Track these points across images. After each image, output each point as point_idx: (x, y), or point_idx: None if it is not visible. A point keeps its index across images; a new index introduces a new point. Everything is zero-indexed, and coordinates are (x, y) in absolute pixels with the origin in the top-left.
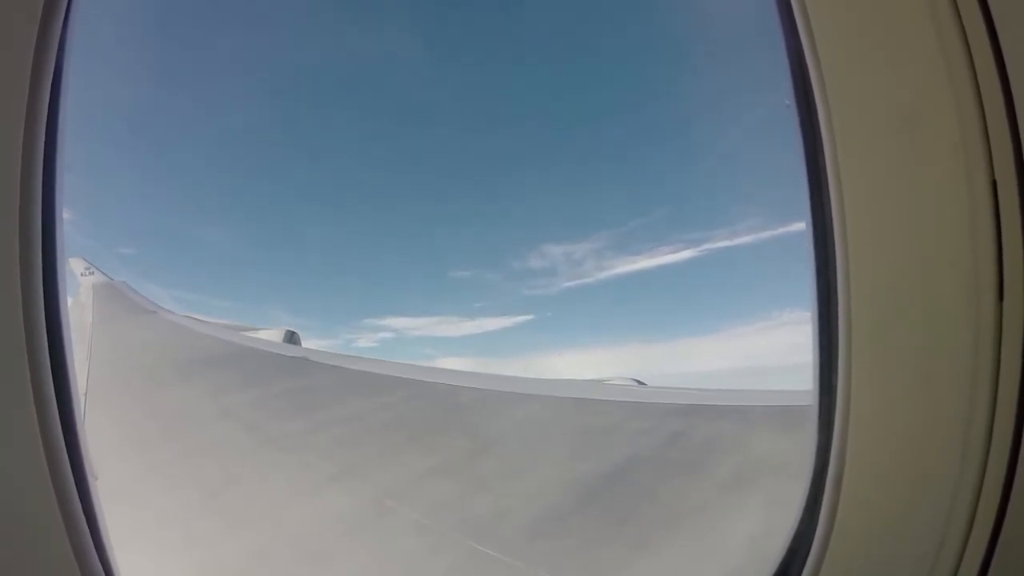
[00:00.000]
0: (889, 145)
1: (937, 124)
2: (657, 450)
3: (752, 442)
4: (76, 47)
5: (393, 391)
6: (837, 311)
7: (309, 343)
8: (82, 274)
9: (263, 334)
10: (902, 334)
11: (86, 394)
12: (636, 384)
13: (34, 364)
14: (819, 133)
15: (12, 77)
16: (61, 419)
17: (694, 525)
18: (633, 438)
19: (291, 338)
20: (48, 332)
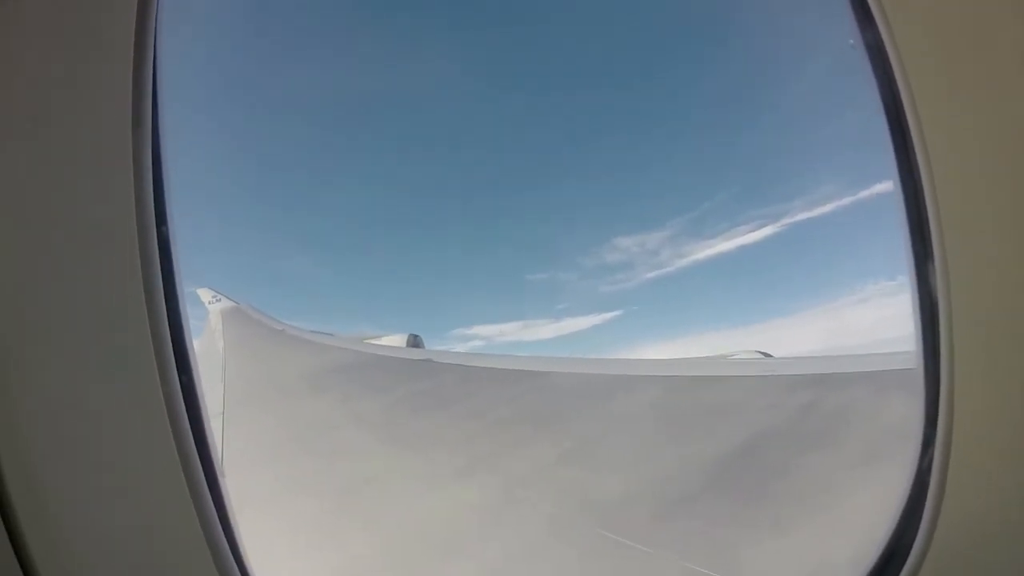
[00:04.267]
0: (968, 78)
1: (1016, 50)
2: (814, 417)
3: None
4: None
5: (524, 382)
6: (933, 269)
7: None
8: (209, 302)
9: (387, 340)
10: (1006, 288)
11: (223, 414)
12: (763, 356)
13: (164, 377)
14: (892, 74)
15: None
16: (191, 426)
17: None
18: (783, 407)
19: (415, 342)
20: (174, 347)
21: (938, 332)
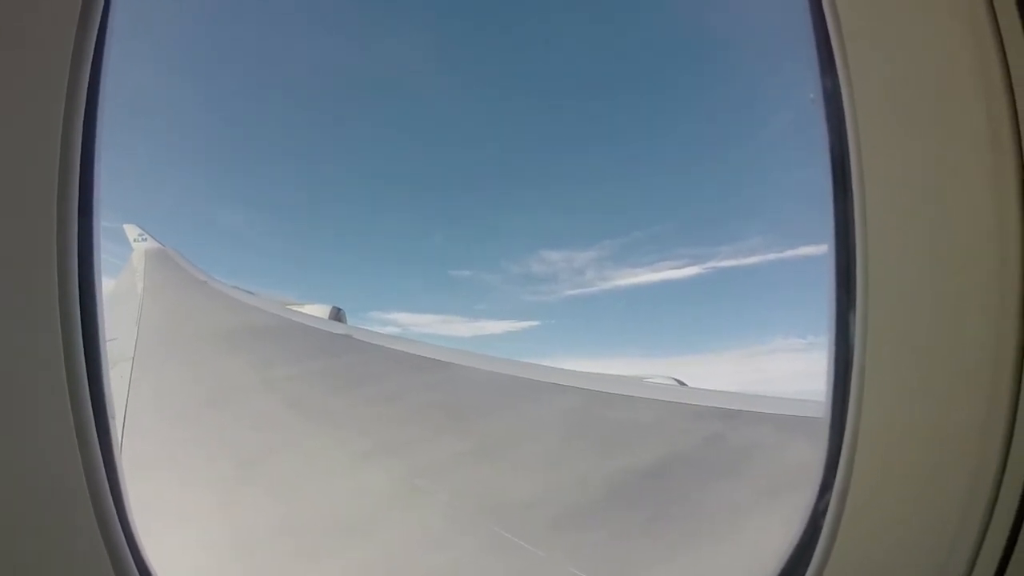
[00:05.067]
0: (917, 150)
1: (967, 126)
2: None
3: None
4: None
5: (440, 371)
6: (854, 320)
7: None
8: (135, 240)
9: (309, 309)
10: (921, 348)
11: (133, 359)
12: (678, 384)
13: (66, 326)
14: (845, 131)
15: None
16: (89, 376)
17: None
18: (694, 434)
19: (337, 315)
20: (81, 296)
21: (849, 383)
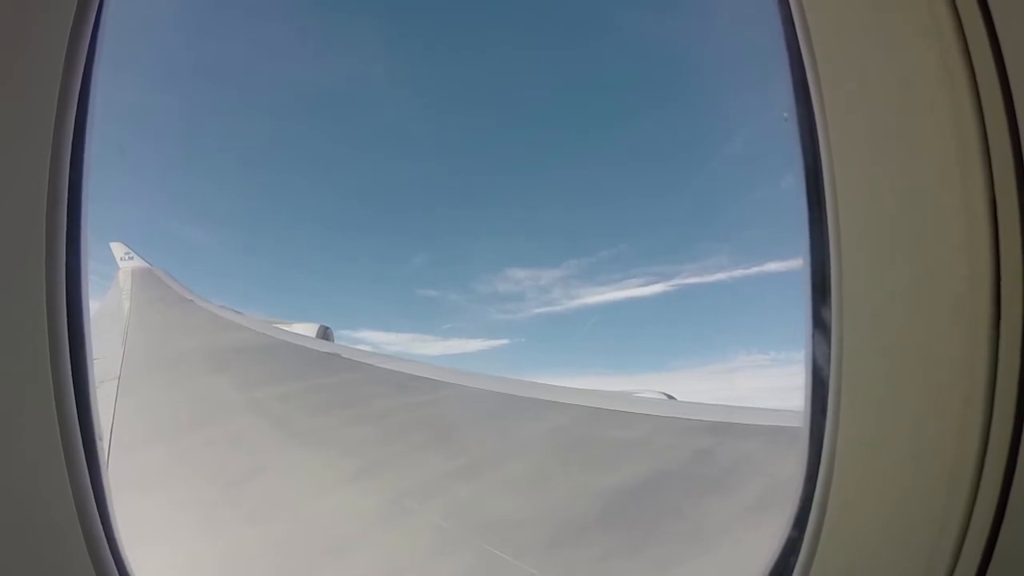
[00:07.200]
0: (888, 166)
1: (937, 141)
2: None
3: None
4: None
5: (429, 390)
6: (830, 333)
7: None
8: (122, 259)
9: (296, 328)
10: (896, 360)
11: (119, 378)
12: (667, 398)
13: (53, 338)
14: (818, 148)
15: (48, 71)
16: (76, 395)
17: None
18: (686, 448)
19: (325, 334)
20: (69, 316)
21: (826, 395)
